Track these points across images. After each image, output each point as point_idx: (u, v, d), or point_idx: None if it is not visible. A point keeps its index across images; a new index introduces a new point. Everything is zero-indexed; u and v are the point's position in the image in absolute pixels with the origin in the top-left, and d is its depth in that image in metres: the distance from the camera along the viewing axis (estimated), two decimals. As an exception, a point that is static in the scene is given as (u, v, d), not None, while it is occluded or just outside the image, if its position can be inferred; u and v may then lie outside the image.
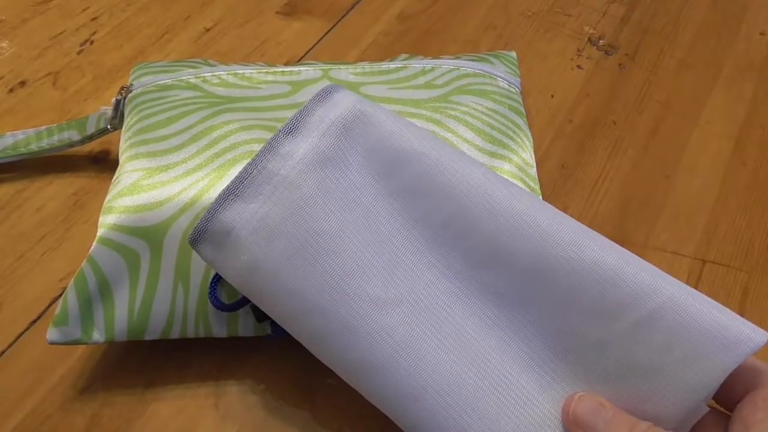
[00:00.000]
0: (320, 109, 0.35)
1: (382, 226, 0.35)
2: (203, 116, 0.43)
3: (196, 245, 0.35)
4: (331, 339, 0.33)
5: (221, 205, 0.34)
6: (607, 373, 0.32)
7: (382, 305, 0.33)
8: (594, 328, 0.32)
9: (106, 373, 0.42)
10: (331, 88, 0.36)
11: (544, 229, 0.33)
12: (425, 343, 0.33)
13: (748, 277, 0.49)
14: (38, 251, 0.48)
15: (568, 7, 0.67)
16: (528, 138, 0.46)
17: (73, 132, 0.50)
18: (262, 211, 0.33)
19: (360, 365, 0.33)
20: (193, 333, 0.40)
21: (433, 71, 0.49)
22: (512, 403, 0.32)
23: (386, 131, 0.35)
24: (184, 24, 0.64)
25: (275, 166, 0.34)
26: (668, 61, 0.63)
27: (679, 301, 0.31)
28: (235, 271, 0.34)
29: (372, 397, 0.34)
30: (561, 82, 0.60)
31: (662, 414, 0.30)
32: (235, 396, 0.42)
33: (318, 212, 0.33)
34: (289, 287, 0.33)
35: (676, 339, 0.30)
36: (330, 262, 0.33)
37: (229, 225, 0.34)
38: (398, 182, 0.35)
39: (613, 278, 0.31)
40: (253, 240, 0.33)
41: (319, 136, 0.34)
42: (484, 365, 0.33)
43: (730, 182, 0.54)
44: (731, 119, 0.58)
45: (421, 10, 0.66)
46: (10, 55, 0.60)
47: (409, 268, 0.34)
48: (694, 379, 0.30)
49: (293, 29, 0.64)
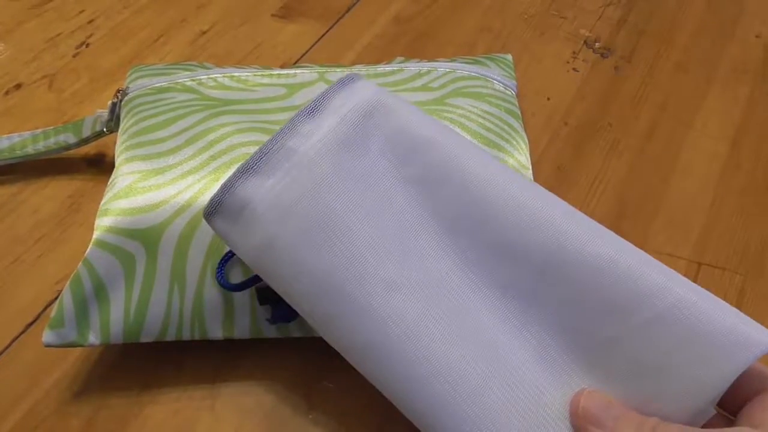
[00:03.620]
0: (342, 93, 0.35)
1: (398, 211, 0.35)
2: (199, 119, 0.43)
3: (210, 218, 0.35)
4: (340, 319, 0.33)
5: (238, 179, 0.34)
6: (617, 370, 0.32)
7: (395, 289, 0.33)
8: (606, 324, 0.32)
9: (102, 375, 0.42)
10: (353, 75, 0.36)
11: (560, 224, 0.33)
12: (435, 329, 0.32)
13: (743, 279, 0.49)
14: (34, 254, 0.47)
15: (564, 10, 0.68)
16: (524, 140, 0.46)
17: (69, 135, 0.50)
18: (279, 187, 0.33)
19: (368, 347, 0.33)
20: (188, 335, 0.40)
21: (429, 74, 0.49)
22: (520, 395, 0.32)
23: (405, 120, 0.35)
24: (180, 27, 0.64)
25: (295, 143, 0.34)
26: (664, 64, 0.63)
27: (691, 301, 0.30)
28: (248, 247, 0.34)
29: (377, 381, 0.34)
30: (557, 85, 0.60)
31: (670, 414, 0.30)
32: (230, 398, 0.42)
33: (335, 192, 0.33)
34: (301, 265, 0.33)
35: (687, 339, 0.30)
36: (344, 242, 0.33)
37: (245, 199, 0.34)
38: (416, 169, 0.35)
39: (628, 276, 0.31)
40: (268, 216, 0.33)
41: (339, 118, 0.35)
42: (494, 356, 0.33)
43: (726, 184, 0.54)
44: (727, 122, 0.58)
45: (417, 13, 0.66)
46: (5, 58, 0.60)
47: (423, 254, 0.34)
48: (704, 379, 0.29)
49: (289, 32, 0.64)
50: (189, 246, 0.39)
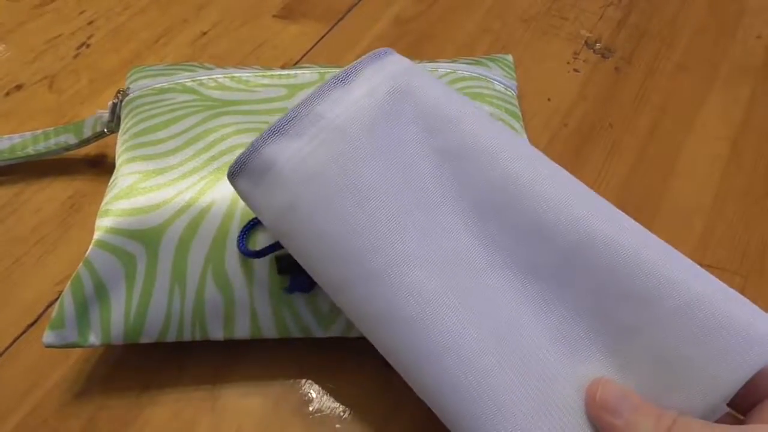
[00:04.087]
0: (374, 65, 0.35)
1: (424, 184, 0.34)
2: (200, 119, 0.43)
3: (234, 178, 0.35)
4: (356, 286, 0.33)
5: (265, 141, 0.34)
6: (636, 359, 0.31)
7: (413, 260, 0.32)
8: (628, 312, 0.31)
9: (103, 376, 0.42)
10: (386, 49, 0.36)
11: (588, 209, 0.33)
12: (452, 305, 0.32)
13: (744, 280, 0.49)
14: (35, 254, 0.48)
15: (564, 11, 0.68)
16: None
17: (69, 135, 0.50)
18: (305, 151, 0.33)
19: (382, 316, 0.32)
20: (189, 336, 0.40)
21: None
22: (534, 377, 0.31)
23: (436, 95, 0.35)
24: (181, 27, 0.64)
25: (324, 109, 0.34)
26: (665, 65, 0.63)
27: (714, 296, 0.30)
28: (270, 209, 0.34)
29: (389, 352, 0.33)
30: (557, 86, 0.60)
31: (685, 406, 0.30)
32: (231, 399, 0.42)
33: (361, 159, 0.33)
34: (322, 229, 0.33)
35: (707, 332, 0.30)
36: (367, 210, 0.32)
37: (271, 160, 0.34)
38: (445, 141, 0.35)
39: (652, 266, 0.31)
40: (293, 178, 0.33)
41: (370, 88, 0.35)
42: (510, 336, 0.32)
43: (727, 186, 0.54)
44: (728, 122, 0.58)
45: (417, 14, 0.66)
46: (6, 59, 0.60)
47: (446, 228, 0.34)
48: (720, 375, 0.29)
49: (290, 32, 0.64)
50: (190, 247, 0.39)
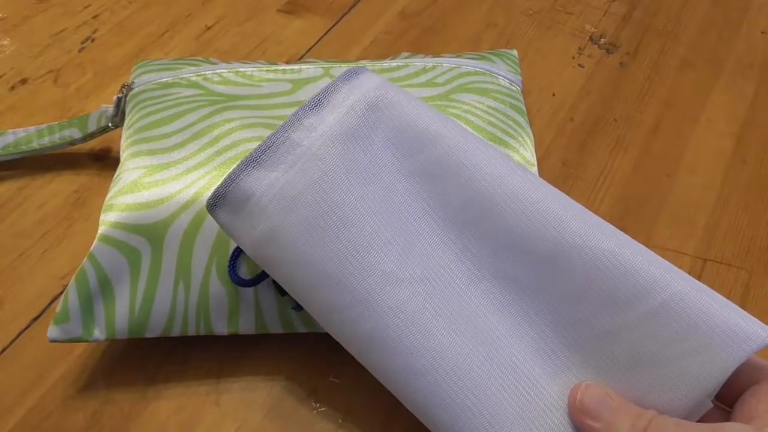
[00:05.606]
0: (346, 87, 0.36)
1: (401, 204, 0.35)
2: (204, 114, 0.43)
3: (213, 210, 0.35)
4: (342, 311, 0.33)
5: (243, 172, 0.34)
6: (617, 362, 0.32)
7: (396, 281, 0.33)
8: (606, 317, 0.32)
9: (107, 370, 0.42)
10: (357, 69, 0.36)
11: (562, 217, 0.33)
12: (435, 321, 0.33)
13: (749, 275, 0.49)
14: (39, 249, 0.48)
15: (569, 6, 0.67)
16: (529, 136, 0.46)
17: (74, 130, 0.50)
18: (282, 180, 0.34)
19: (369, 339, 0.33)
20: (194, 331, 0.41)
21: (434, 69, 0.48)
22: (519, 388, 0.32)
23: (409, 113, 0.35)
24: (186, 22, 0.64)
25: (299, 136, 0.34)
26: (669, 60, 0.63)
27: (690, 295, 0.31)
28: (251, 239, 0.35)
29: (378, 372, 0.34)
30: (562, 81, 0.60)
31: (668, 406, 0.31)
32: (235, 393, 0.42)
33: (338, 184, 0.33)
34: (304, 257, 0.33)
35: (685, 332, 0.30)
36: (347, 235, 0.33)
37: (249, 191, 0.34)
38: (419, 162, 0.35)
39: (627, 269, 0.32)
40: (272, 208, 0.33)
41: (344, 111, 0.35)
42: (493, 348, 0.33)
43: (731, 180, 0.54)
44: (732, 117, 0.58)
45: (422, 8, 0.66)
46: (11, 53, 0.60)
47: (425, 247, 0.34)
48: (702, 372, 0.30)
49: (294, 27, 0.64)
50: (194, 241, 0.39)
